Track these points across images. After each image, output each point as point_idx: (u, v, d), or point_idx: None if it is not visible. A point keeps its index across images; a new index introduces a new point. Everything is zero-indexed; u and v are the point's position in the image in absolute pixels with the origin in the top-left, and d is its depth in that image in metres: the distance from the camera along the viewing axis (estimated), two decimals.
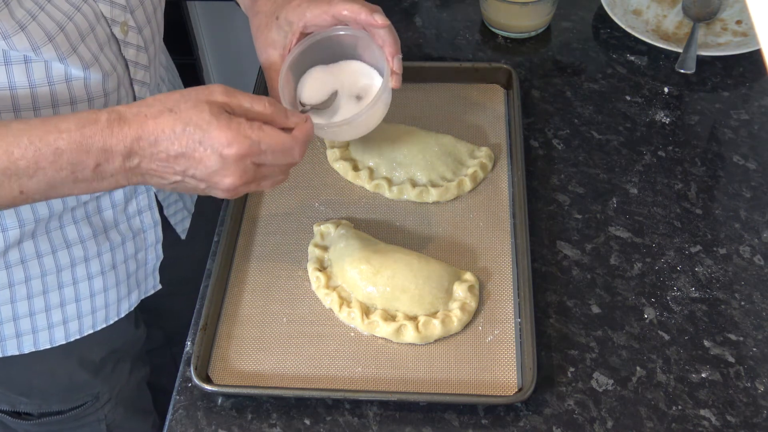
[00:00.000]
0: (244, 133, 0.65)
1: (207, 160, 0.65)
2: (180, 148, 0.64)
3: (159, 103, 0.65)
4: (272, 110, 0.69)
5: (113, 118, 0.64)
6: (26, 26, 0.65)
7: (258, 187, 0.70)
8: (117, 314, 0.92)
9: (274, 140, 0.67)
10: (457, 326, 0.81)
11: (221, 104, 0.66)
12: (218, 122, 0.64)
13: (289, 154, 0.69)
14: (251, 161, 0.66)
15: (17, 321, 0.85)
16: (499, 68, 1.04)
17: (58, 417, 1.00)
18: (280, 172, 0.71)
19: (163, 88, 0.92)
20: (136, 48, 0.78)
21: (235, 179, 0.66)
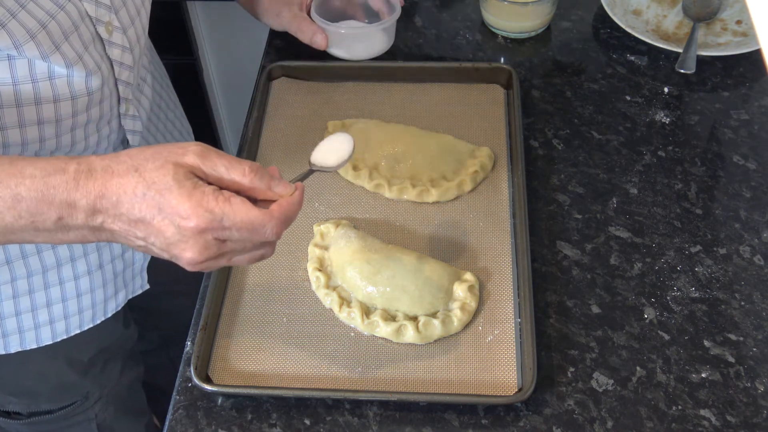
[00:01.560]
0: (206, 206, 0.59)
1: (165, 230, 0.60)
2: (140, 213, 0.60)
3: (129, 159, 0.61)
4: (251, 178, 0.62)
5: (82, 170, 0.60)
6: (6, 24, 0.65)
7: (229, 263, 0.64)
8: (104, 314, 0.92)
9: (240, 216, 0.60)
10: (457, 326, 0.80)
11: (191, 167, 0.60)
12: (179, 189, 0.59)
13: (259, 232, 0.61)
14: (212, 237, 0.60)
15: (3, 321, 0.85)
16: (499, 68, 1.04)
17: (48, 416, 1.00)
18: (253, 248, 0.64)
19: (144, 88, 0.91)
20: (121, 48, 0.78)
21: (194, 254, 0.61)
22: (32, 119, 0.71)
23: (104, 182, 0.60)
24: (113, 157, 0.61)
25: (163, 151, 0.61)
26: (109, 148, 0.84)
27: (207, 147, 0.62)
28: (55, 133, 0.74)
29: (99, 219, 0.60)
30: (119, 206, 0.59)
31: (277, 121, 1.02)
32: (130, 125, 0.85)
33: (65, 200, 0.59)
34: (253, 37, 1.51)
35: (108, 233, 0.62)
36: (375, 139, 0.97)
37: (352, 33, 1.07)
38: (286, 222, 0.63)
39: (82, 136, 0.77)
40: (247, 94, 1.05)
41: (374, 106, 1.04)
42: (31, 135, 0.72)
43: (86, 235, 0.62)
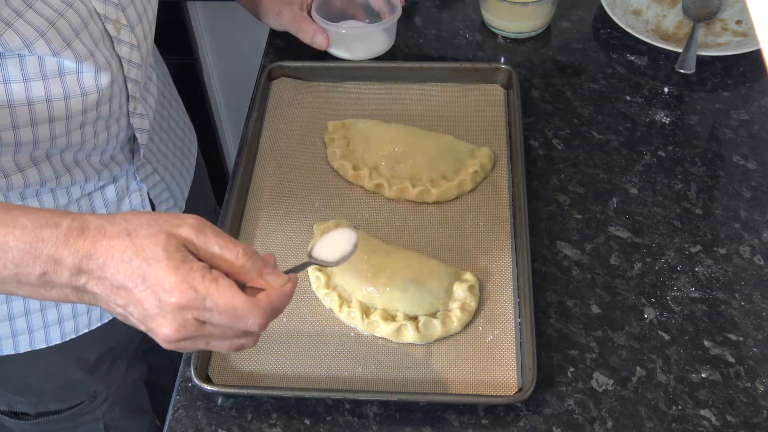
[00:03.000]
0: (191, 283, 0.57)
1: (145, 301, 0.57)
2: (123, 280, 0.57)
3: (124, 222, 0.59)
4: (244, 262, 0.60)
5: (75, 227, 0.58)
6: (12, 23, 0.65)
7: (207, 346, 0.61)
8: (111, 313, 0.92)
9: (224, 300, 0.58)
10: (457, 326, 0.80)
11: (184, 240, 0.58)
12: (167, 261, 0.57)
13: (241, 320, 0.59)
14: (192, 316, 0.58)
15: (13, 320, 0.85)
16: (499, 68, 1.04)
17: (56, 416, 1.01)
18: (234, 335, 0.61)
19: (150, 86, 0.92)
20: (129, 46, 0.78)
21: (170, 331, 0.58)
22: (43, 117, 0.71)
23: (94, 242, 0.58)
24: (109, 218, 0.60)
25: (159, 219, 0.59)
26: (117, 146, 0.84)
27: (204, 222, 0.60)
28: (66, 130, 0.74)
29: (83, 279, 0.58)
30: (104, 269, 0.58)
31: (277, 121, 1.02)
32: (138, 123, 0.85)
33: (52, 255, 0.58)
34: (253, 37, 1.52)
35: (90, 296, 0.60)
36: (375, 139, 0.97)
37: (352, 33, 1.07)
38: (271, 314, 0.61)
39: (91, 134, 0.78)
40: (247, 94, 1.05)
41: (374, 106, 1.04)
42: (42, 133, 0.72)
43: (68, 294, 0.60)
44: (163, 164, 0.96)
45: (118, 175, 0.87)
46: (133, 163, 0.89)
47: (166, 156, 0.98)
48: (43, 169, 0.77)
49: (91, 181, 0.84)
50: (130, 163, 0.88)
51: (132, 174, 0.89)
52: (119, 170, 0.87)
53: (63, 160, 0.78)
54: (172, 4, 1.44)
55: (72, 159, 0.79)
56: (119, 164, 0.87)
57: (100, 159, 0.83)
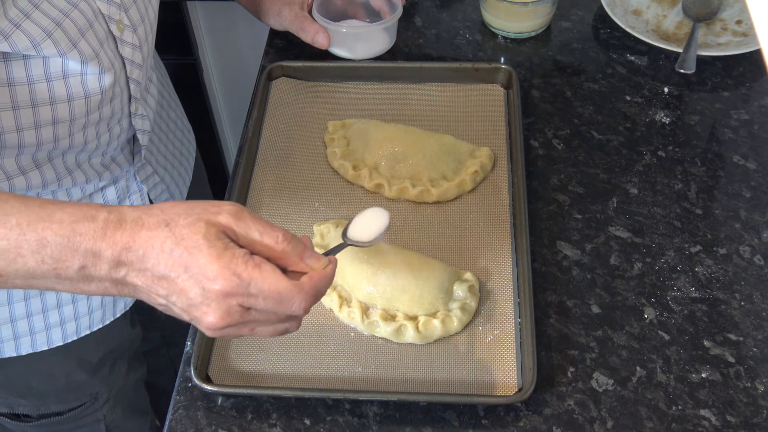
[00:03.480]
0: (234, 269, 0.57)
1: (189, 290, 0.57)
2: (165, 270, 0.57)
3: (161, 212, 0.59)
4: (284, 246, 0.60)
5: (112, 219, 0.58)
6: (20, 24, 0.65)
7: (252, 332, 0.61)
8: (113, 314, 0.92)
9: (269, 285, 0.58)
10: (457, 326, 0.80)
11: (224, 227, 0.58)
12: (209, 249, 0.57)
13: (286, 304, 0.59)
14: (237, 303, 0.58)
15: (15, 323, 0.85)
16: (499, 68, 1.04)
17: (57, 418, 1.01)
18: (278, 320, 0.61)
19: (151, 87, 0.92)
20: (132, 46, 0.78)
21: (216, 319, 0.58)
22: (47, 119, 0.71)
23: (132, 234, 0.57)
24: (146, 209, 0.59)
25: (197, 208, 0.59)
26: (118, 147, 0.85)
27: (242, 208, 0.60)
28: (69, 132, 0.74)
29: (122, 272, 0.58)
30: (145, 260, 0.57)
31: (277, 121, 1.02)
32: (139, 124, 0.85)
33: (90, 249, 0.57)
34: (253, 37, 1.51)
35: (131, 288, 0.59)
36: (375, 139, 0.97)
37: (353, 32, 1.07)
38: (315, 296, 0.61)
39: (93, 135, 0.78)
40: (247, 94, 1.05)
41: (374, 106, 1.04)
42: (45, 135, 0.72)
43: (108, 287, 0.60)
44: (162, 165, 0.96)
45: (119, 177, 0.87)
46: (134, 164, 0.89)
47: (165, 157, 0.98)
48: (46, 171, 0.77)
49: (92, 182, 0.84)
50: (130, 164, 0.89)
51: (132, 175, 0.89)
52: (120, 171, 0.87)
53: (65, 162, 0.78)
54: (172, 4, 1.44)
55: (74, 161, 0.79)
56: (120, 165, 0.87)
57: (101, 160, 0.83)
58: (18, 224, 0.57)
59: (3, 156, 0.72)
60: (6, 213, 0.58)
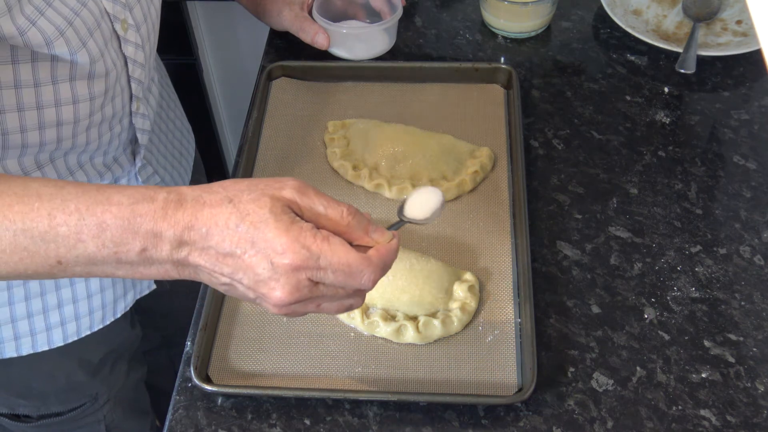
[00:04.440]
0: (303, 242, 0.56)
1: (256, 266, 0.56)
2: (230, 247, 0.56)
3: (223, 190, 0.58)
4: (349, 221, 0.59)
5: (171, 199, 0.57)
6: (36, 21, 0.65)
7: (318, 308, 0.60)
8: (113, 315, 0.92)
9: (338, 258, 0.57)
10: (457, 326, 0.80)
11: (288, 202, 0.58)
12: (276, 223, 0.56)
13: (356, 277, 0.58)
14: (306, 276, 0.57)
15: (15, 323, 0.85)
16: (499, 68, 1.04)
17: (58, 418, 1.01)
18: (346, 295, 0.60)
19: (153, 88, 0.92)
20: (135, 46, 0.79)
21: (284, 294, 0.57)
22: (52, 121, 0.71)
23: (194, 212, 0.56)
24: (205, 188, 0.58)
25: (260, 184, 0.58)
26: (120, 147, 0.85)
27: (305, 183, 0.59)
28: (72, 133, 0.74)
29: (184, 252, 0.57)
30: (208, 238, 0.56)
31: (277, 121, 1.02)
32: (140, 123, 0.85)
33: (151, 230, 0.56)
34: (253, 37, 1.51)
35: (192, 269, 0.58)
36: (375, 139, 0.97)
37: (354, 33, 1.07)
38: (383, 269, 0.60)
39: (96, 135, 0.78)
40: (247, 94, 1.05)
41: (374, 106, 1.04)
42: (49, 136, 0.73)
43: (168, 270, 0.58)
44: (162, 165, 0.96)
45: (120, 177, 0.87)
46: (135, 165, 0.89)
47: (165, 157, 0.98)
48: (48, 172, 0.77)
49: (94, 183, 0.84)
50: (131, 165, 0.89)
51: (134, 175, 0.89)
52: (121, 172, 0.87)
53: (67, 162, 0.78)
54: (172, 4, 1.44)
55: (76, 161, 0.79)
56: (121, 166, 0.87)
57: (103, 161, 0.83)
58: (77, 209, 0.56)
59: (6, 157, 0.72)
60: (64, 199, 0.57)
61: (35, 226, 0.56)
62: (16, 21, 0.64)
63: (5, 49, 0.65)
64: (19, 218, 0.56)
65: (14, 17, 0.63)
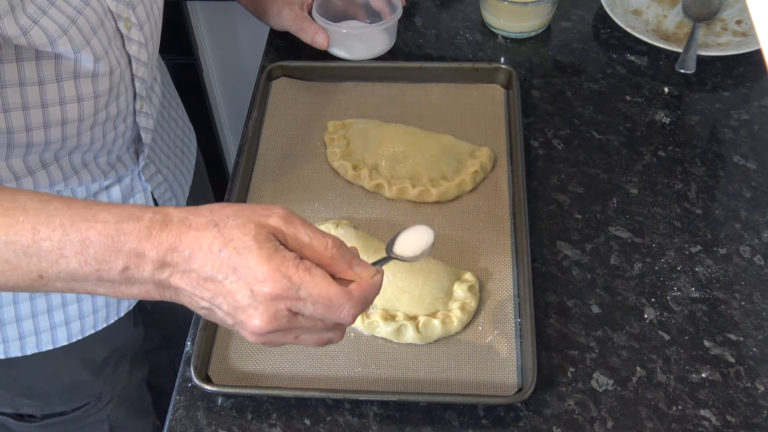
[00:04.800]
0: (285, 272, 0.56)
1: (236, 292, 0.56)
2: (212, 271, 0.56)
3: (209, 213, 0.58)
4: (333, 253, 0.59)
5: (157, 220, 0.57)
6: (38, 20, 0.66)
7: (296, 340, 0.60)
8: (117, 314, 0.92)
9: (319, 290, 0.57)
10: (457, 326, 0.80)
11: (274, 230, 0.57)
12: (259, 251, 0.56)
13: (335, 311, 0.58)
14: (286, 306, 0.57)
15: (20, 323, 0.85)
16: (499, 68, 1.04)
17: (61, 418, 1.01)
18: (325, 328, 0.60)
19: (156, 87, 0.92)
20: (138, 44, 0.79)
21: (262, 322, 0.57)
22: (57, 119, 0.71)
23: (179, 234, 0.56)
24: (193, 210, 0.58)
25: (247, 210, 0.58)
26: (123, 146, 0.85)
27: (292, 212, 0.59)
28: (77, 131, 0.74)
29: (166, 273, 0.57)
30: (191, 261, 0.56)
31: (277, 121, 1.02)
32: (144, 122, 0.86)
33: (134, 249, 0.56)
34: (253, 37, 1.51)
35: (172, 291, 0.58)
36: (375, 139, 0.97)
37: (353, 33, 1.07)
38: (364, 305, 0.60)
39: (100, 134, 0.78)
40: (247, 94, 1.05)
41: (374, 106, 1.04)
42: (54, 135, 0.73)
43: (150, 290, 0.59)
44: (165, 164, 0.97)
45: (124, 176, 0.88)
46: (138, 163, 0.89)
47: (168, 156, 0.98)
48: (53, 171, 0.77)
49: (98, 181, 0.84)
50: (135, 164, 0.89)
51: (137, 174, 0.89)
52: (125, 170, 0.87)
53: (71, 161, 0.78)
54: (172, 4, 1.44)
55: (80, 160, 0.79)
56: (125, 165, 0.87)
57: (107, 159, 0.83)
58: (61, 224, 0.56)
59: (12, 156, 0.72)
60: (49, 214, 0.57)
61: (18, 240, 0.56)
62: (18, 20, 0.64)
63: (9, 47, 0.65)
64: (3, 231, 0.56)
65: (17, 17, 0.63)
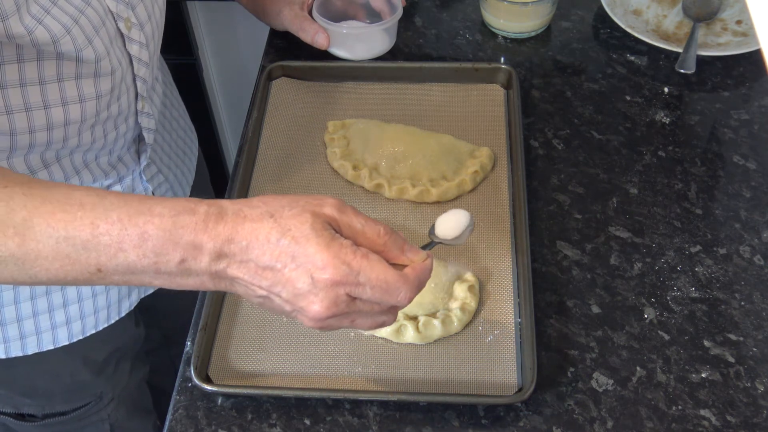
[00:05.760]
0: (344, 258, 0.57)
1: (296, 280, 0.58)
2: (270, 260, 0.57)
3: (263, 205, 0.59)
4: (386, 239, 0.61)
5: (212, 212, 0.58)
6: (42, 20, 0.66)
7: (352, 324, 0.62)
8: (118, 313, 0.92)
9: (377, 274, 0.58)
10: (457, 326, 0.80)
11: (328, 218, 0.59)
12: (317, 239, 0.57)
13: (393, 294, 0.60)
14: (345, 292, 0.58)
15: (21, 322, 0.85)
16: (499, 68, 1.04)
17: (62, 418, 1.01)
18: (380, 312, 0.62)
19: (157, 87, 0.92)
20: (139, 44, 0.79)
21: (322, 308, 0.58)
22: (59, 120, 0.72)
23: (235, 225, 0.57)
24: (246, 202, 0.60)
25: (300, 200, 0.59)
26: (125, 146, 0.85)
27: (344, 202, 0.61)
28: (78, 131, 0.74)
29: (223, 264, 0.58)
30: (248, 251, 0.57)
31: (277, 121, 1.02)
32: (145, 122, 0.86)
33: (192, 241, 0.57)
34: (253, 37, 1.51)
35: (228, 281, 0.59)
36: (375, 139, 0.97)
37: (354, 33, 1.07)
38: (419, 287, 0.62)
39: (101, 134, 0.78)
40: (247, 94, 1.05)
41: (374, 106, 1.04)
42: (56, 135, 0.73)
43: (205, 281, 0.59)
44: (166, 164, 0.97)
45: (125, 176, 0.88)
46: (140, 164, 0.89)
47: (169, 156, 0.98)
48: (54, 171, 0.77)
49: (99, 181, 0.84)
50: (136, 164, 0.89)
51: (138, 174, 0.89)
52: (126, 171, 0.87)
53: (73, 161, 0.78)
54: (172, 4, 1.44)
55: (81, 160, 0.79)
56: (126, 165, 0.87)
57: (108, 160, 0.83)
58: (119, 219, 0.57)
59: (13, 156, 0.72)
60: (106, 209, 0.58)
61: (78, 235, 0.57)
62: (23, 20, 0.64)
63: (11, 48, 0.65)
64: (62, 226, 0.57)
65: (22, 17, 0.64)
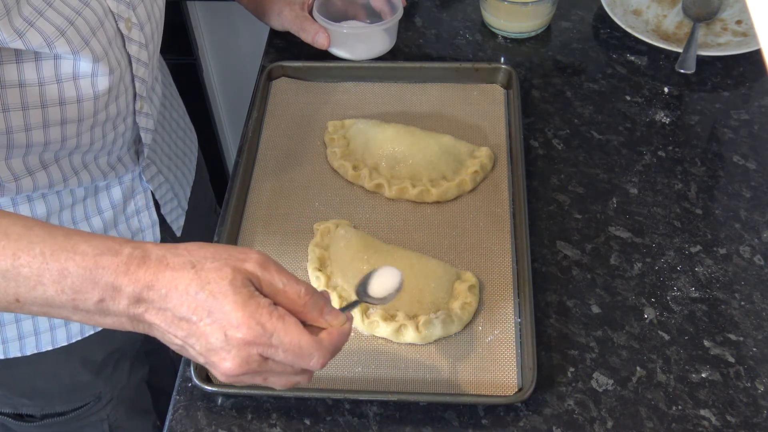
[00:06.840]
0: (259, 319, 0.57)
1: (210, 335, 0.58)
2: (187, 312, 0.57)
3: (187, 254, 0.59)
4: (307, 300, 0.61)
5: (136, 255, 0.58)
6: (34, 22, 0.65)
7: (265, 381, 0.62)
8: None
9: (290, 338, 0.58)
10: (457, 326, 0.80)
11: (250, 275, 0.59)
12: (234, 296, 0.57)
13: (305, 359, 0.60)
14: (257, 352, 0.58)
15: (19, 323, 0.85)
16: (499, 68, 1.04)
17: (61, 418, 1.01)
18: (293, 373, 0.62)
19: (156, 87, 0.92)
20: (138, 45, 0.79)
21: (234, 366, 0.58)
22: (56, 119, 0.71)
23: (156, 272, 0.58)
24: (170, 248, 0.60)
25: (224, 253, 0.59)
26: (124, 147, 0.85)
27: (268, 257, 0.61)
28: (77, 131, 0.74)
29: (141, 308, 0.58)
30: (167, 300, 0.58)
31: (277, 121, 1.02)
32: (144, 123, 0.86)
33: (111, 283, 0.57)
34: (253, 37, 1.52)
35: (146, 325, 0.60)
36: (375, 139, 0.97)
37: (354, 33, 1.07)
38: (333, 353, 0.62)
39: (100, 135, 0.78)
40: (247, 94, 1.05)
41: (374, 106, 1.04)
42: (54, 135, 0.73)
43: (124, 322, 0.60)
44: (166, 164, 0.97)
45: (124, 177, 0.87)
46: (139, 164, 0.89)
47: (168, 156, 0.98)
48: (53, 171, 0.77)
49: (98, 182, 0.84)
50: (135, 164, 0.89)
51: (138, 175, 0.89)
52: (125, 171, 0.87)
53: (71, 162, 0.78)
54: (172, 4, 1.44)
55: (80, 161, 0.79)
56: (125, 166, 0.87)
57: (107, 160, 0.83)
58: (41, 253, 0.58)
59: (11, 156, 0.72)
60: (30, 241, 0.58)
61: None
62: (13, 23, 0.64)
63: (8, 49, 0.65)
64: None
65: (12, 20, 0.63)
